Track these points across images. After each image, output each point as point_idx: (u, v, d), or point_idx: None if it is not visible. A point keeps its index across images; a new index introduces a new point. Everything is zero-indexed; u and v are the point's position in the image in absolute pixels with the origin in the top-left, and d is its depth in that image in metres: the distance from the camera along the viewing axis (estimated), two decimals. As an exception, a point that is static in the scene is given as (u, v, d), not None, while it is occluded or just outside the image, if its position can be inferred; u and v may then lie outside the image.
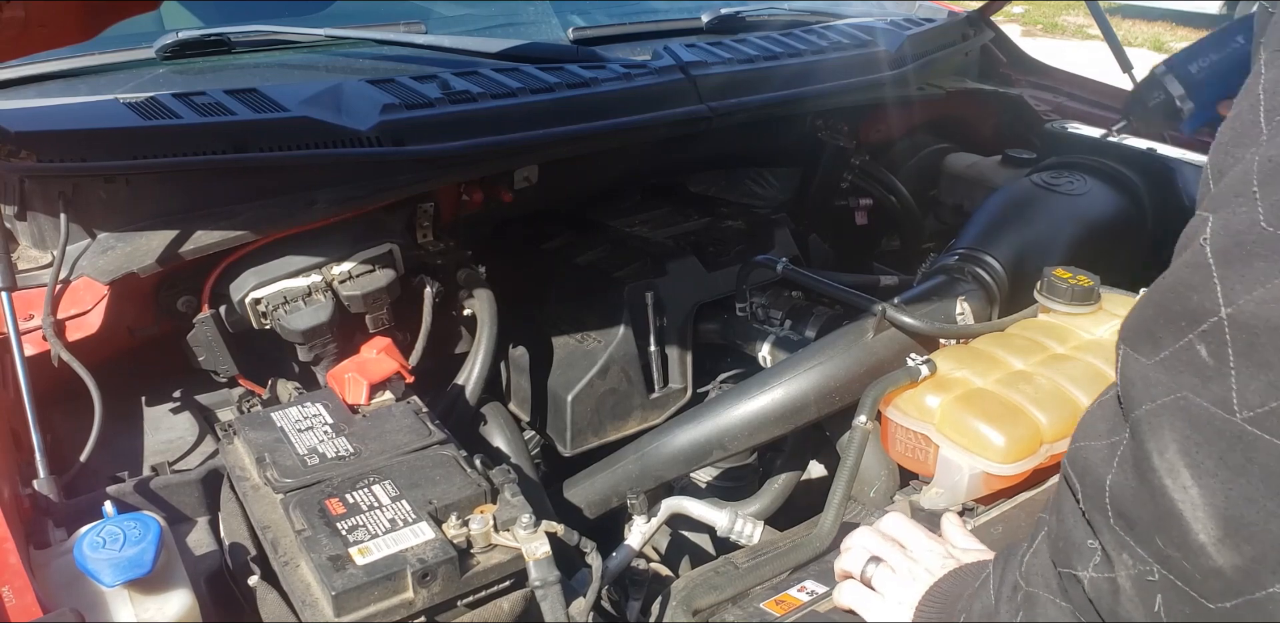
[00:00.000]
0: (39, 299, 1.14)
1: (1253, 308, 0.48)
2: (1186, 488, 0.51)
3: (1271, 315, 0.47)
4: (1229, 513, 0.49)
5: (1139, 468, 0.54)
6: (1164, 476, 0.52)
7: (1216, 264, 0.51)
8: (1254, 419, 0.48)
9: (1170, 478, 0.52)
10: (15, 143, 1.15)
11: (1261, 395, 0.48)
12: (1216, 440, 0.50)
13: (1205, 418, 0.50)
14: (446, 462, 1.01)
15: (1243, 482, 0.48)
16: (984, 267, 1.44)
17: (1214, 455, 0.50)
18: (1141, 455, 0.54)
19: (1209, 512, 0.50)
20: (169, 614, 0.90)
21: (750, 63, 1.72)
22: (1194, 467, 0.51)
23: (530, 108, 1.44)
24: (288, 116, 1.29)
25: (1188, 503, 0.51)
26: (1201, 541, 0.50)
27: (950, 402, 1.15)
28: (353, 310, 1.28)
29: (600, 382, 1.46)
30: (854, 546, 0.96)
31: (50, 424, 1.10)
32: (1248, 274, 0.49)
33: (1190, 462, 0.51)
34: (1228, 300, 0.50)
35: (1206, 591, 0.50)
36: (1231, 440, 0.49)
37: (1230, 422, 0.49)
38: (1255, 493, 0.48)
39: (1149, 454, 0.53)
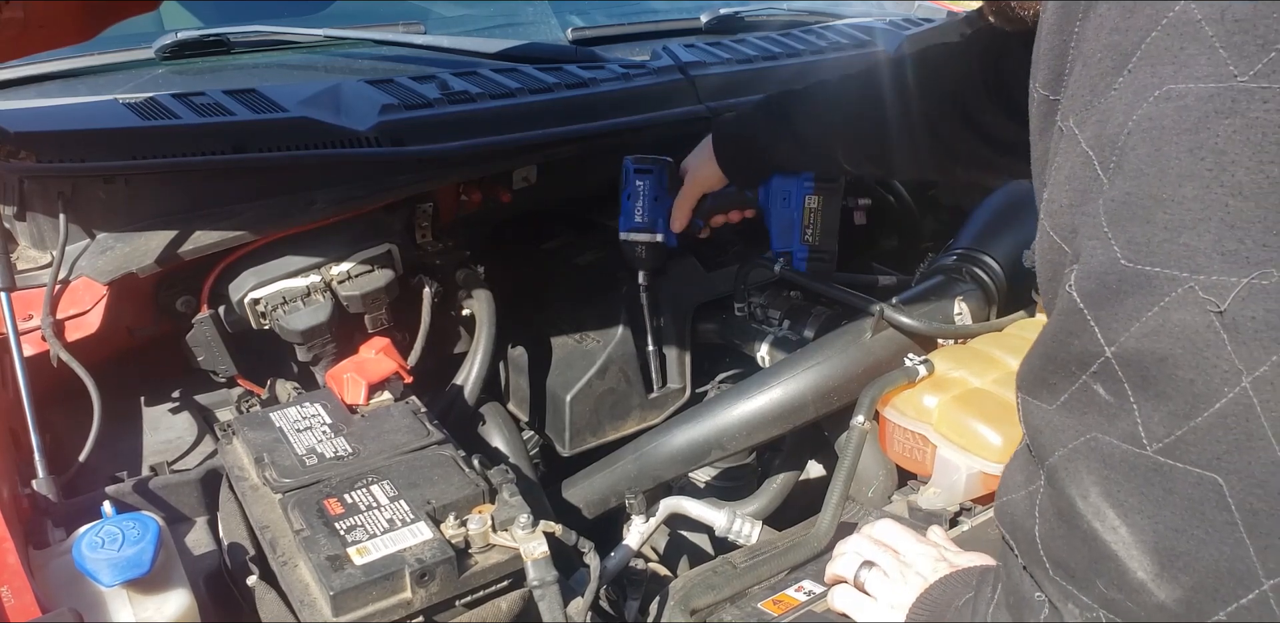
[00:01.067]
0: (38, 299, 1.14)
1: (1134, 344, 0.48)
2: (1115, 528, 0.51)
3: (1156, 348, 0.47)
4: (1160, 546, 0.49)
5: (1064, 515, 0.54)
6: (1091, 519, 0.52)
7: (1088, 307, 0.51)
8: (1164, 450, 0.48)
9: (1098, 521, 0.52)
10: (15, 143, 1.15)
11: (1166, 426, 0.48)
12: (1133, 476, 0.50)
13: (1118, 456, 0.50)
14: (445, 462, 1.01)
15: (1167, 514, 0.48)
16: (982, 267, 1.44)
17: (1135, 492, 0.50)
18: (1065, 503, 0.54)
19: (1141, 548, 0.50)
20: (168, 614, 0.90)
21: (749, 63, 1.72)
22: (1118, 506, 0.51)
23: (529, 108, 1.44)
24: (287, 117, 1.29)
25: (1120, 543, 0.51)
26: (1140, 578, 0.50)
27: (948, 402, 1.15)
28: (351, 311, 1.28)
29: (599, 382, 1.46)
30: (846, 551, 0.96)
31: (49, 424, 1.10)
32: (1120, 312, 0.49)
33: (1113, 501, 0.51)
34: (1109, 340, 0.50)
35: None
36: (1148, 474, 0.49)
37: (1142, 456, 0.49)
38: (1181, 523, 0.48)
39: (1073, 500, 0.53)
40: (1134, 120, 0.48)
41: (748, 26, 2.02)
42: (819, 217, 1.41)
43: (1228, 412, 0.45)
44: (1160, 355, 0.47)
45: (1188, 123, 0.45)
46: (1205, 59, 0.45)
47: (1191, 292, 0.45)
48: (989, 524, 1.10)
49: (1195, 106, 0.45)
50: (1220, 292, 0.44)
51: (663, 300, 1.54)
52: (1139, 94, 0.48)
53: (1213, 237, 0.45)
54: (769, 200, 1.45)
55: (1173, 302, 0.46)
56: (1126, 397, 0.50)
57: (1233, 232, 0.44)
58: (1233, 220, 0.44)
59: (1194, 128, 0.45)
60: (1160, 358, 0.47)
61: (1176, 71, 0.46)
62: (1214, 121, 0.44)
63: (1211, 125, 0.44)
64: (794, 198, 1.41)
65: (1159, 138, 0.46)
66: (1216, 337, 0.45)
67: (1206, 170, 0.44)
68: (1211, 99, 0.44)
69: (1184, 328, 0.46)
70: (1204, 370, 0.46)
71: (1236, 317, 0.44)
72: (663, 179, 1.43)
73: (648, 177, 1.42)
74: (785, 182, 1.42)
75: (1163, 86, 0.46)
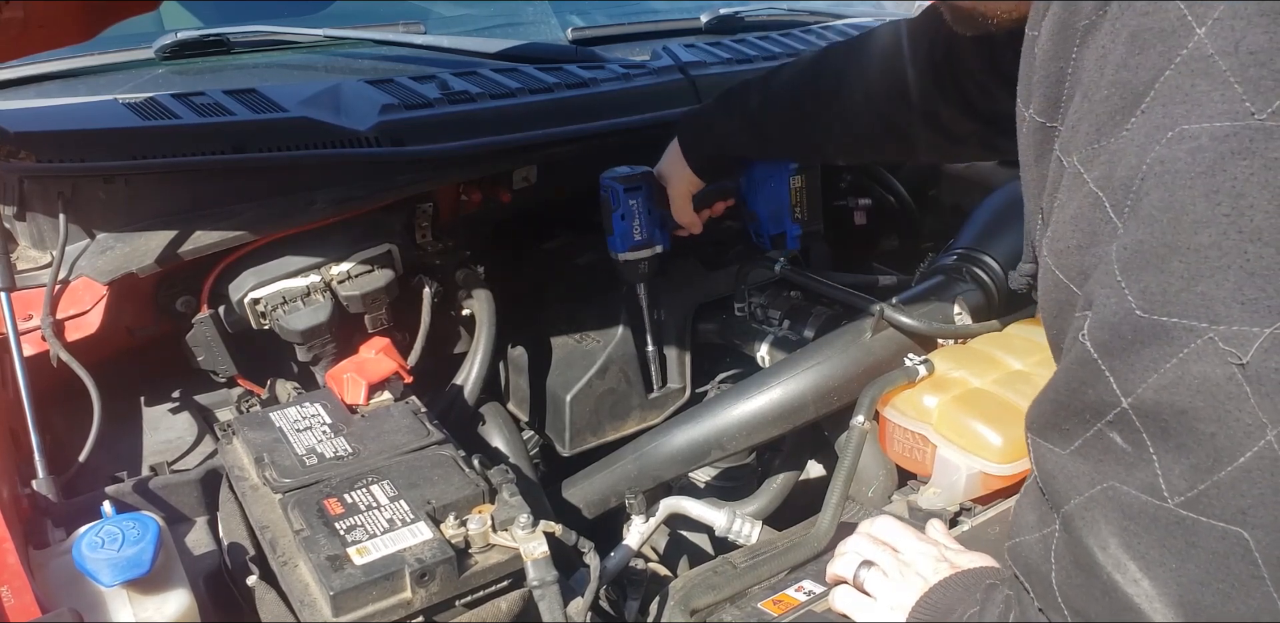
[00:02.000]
0: (38, 299, 1.14)
1: (1152, 396, 0.47)
2: (1138, 580, 0.50)
3: (1175, 401, 0.46)
4: (1185, 600, 0.48)
5: (1082, 565, 0.54)
6: (1112, 571, 0.51)
7: (1102, 357, 0.50)
8: (1186, 503, 0.47)
9: (1119, 573, 0.51)
10: (15, 143, 1.15)
11: (1188, 480, 0.47)
12: (1154, 529, 0.49)
13: (1138, 507, 0.49)
14: (445, 462, 1.01)
15: (1191, 567, 0.48)
16: (982, 267, 1.44)
17: (1156, 544, 0.49)
18: (1083, 552, 0.53)
19: (1165, 601, 0.49)
20: (167, 614, 0.90)
21: (749, 63, 1.72)
22: (1139, 558, 0.50)
23: (529, 108, 1.44)
24: (287, 117, 1.29)
25: (1142, 596, 0.50)
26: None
27: (948, 402, 1.15)
28: (351, 311, 1.28)
29: (599, 382, 1.46)
30: (846, 550, 0.96)
31: (49, 424, 1.11)
32: (1136, 363, 0.48)
33: (1134, 554, 0.50)
34: (1125, 391, 0.49)
35: None
36: (1170, 527, 0.48)
37: (1164, 508, 0.48)
38: (1206, 576, 0.47)
39: (1091, 551, 0.52)
40: (1147, 164, 0.46)
41: (748, 26, 2.03)
42: (804, 195, 1.45)
43: (1252, 466, 0.44)
44: (1180, 408, 0.46)
45: (1202, 165, 0.43)
46: (1219, 95, 0.43)
47: (1211, 343, 0.44)
48: (989, 524, 1.10)
49: (1210, 147, 0.43)
50: (1242, 343, 0.43)
51: (663, 300, 1.54)
52: (1151, 136, 0.46)
53: (1232, 285, 0.43)
54: (752, 187, 1.46)
55: (1192, 353, 0.45)
56: (1145, 447, 0.49)
57: (1253, 279, 0.43)
58: (1252, 268, 0.42)
59: (1209, 170, 0.43)
60: (1180, 411, 0.46)
61: (1189, 111, 0.44)
62: (1230, 163, 0.42)
63: (1228, 167, 0.42)
64: (780, 182, 1.45)
65: (1173, 182, 0.45)
66: (1239, 389, 0.43)
67: (1224, 216, 0.43)
68: (1227, 139, 0.42)
69: (1204, 381, 0.45)
70: (1226, 424, 0.44)
71: (1260, 369, 0.43)
72: (650, 191, 1.41)
73: (638, 193, 1.40)
74: (768, 167, 1.45)
75: (1176, 127, 0.45)
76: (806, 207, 1.45)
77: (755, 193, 1.46)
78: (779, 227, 1.46)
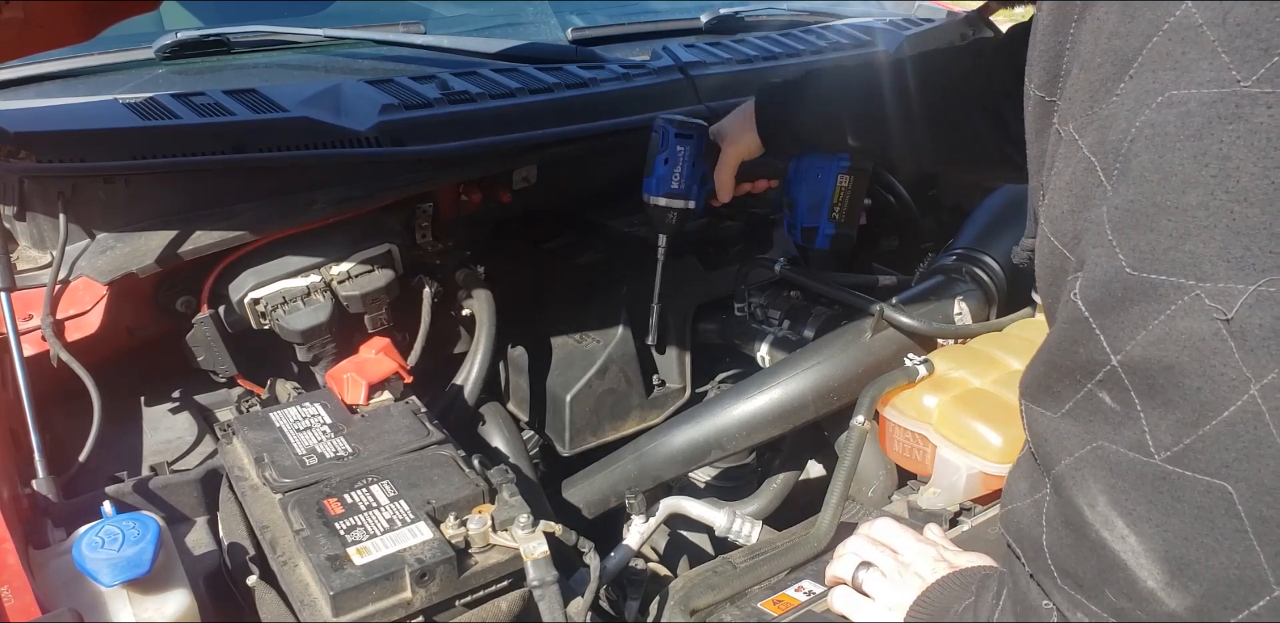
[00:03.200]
0: (38, 299, 1.14)
1: (1140, 352, 0.48)
2: (1124, 537, 0.51)
3: (1162, 356, 0.47)
4: (1170, 555, 0.49)
5: (1072, 524, 0.54)
6: (1100, 528, 0.52)
7: (1093, 315, 0.51)
8: (1172, 458, 0.48)
9: (1107, 530, 0.52)
10: (15, 143, 1.15)
11: (1174, 435, 0.48)
12: (1141, 485, 0.50)
13: (1126, 464, 0.50)
14: (445, 462, 1.01)
15: (1176, 522, 0.48)
16: (982, 267, 1.44)
17: (1143, 500, 0.50)
18: (1072, 511, 0.54)
19: (1151, 557, 0.50)
20: (167, 614, 0.90)
21: (749, 63, 1.72)
22: (1127, 515, 0.51)
23: (529, 108, 1.44)
24: (287, 117, 1.29)
25: (1129, 552, 0.51)
26: (1150, 587, 0.50)
27: (948, 402, 1.15)
28: (351, 311, 1.28)
29: (599, 382, 1.46)
30: (845, 552, 0.96)
31: (49, 424, 1.10)
32: (1126, 320, 0.49)
33: (1122, 510, 0.51)
34: (1115, 348, 0.50)
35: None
36: (1156, 483, 0.49)
37: (1150, 464, 0.49)
38: (1191, 531, 0.48)
39: (1080, 509, 0.53)
40: (1136, 127, 0.48)
41: (748, 26, 2.03)
42: (848, 196, 1.41)
43: (1236, 420, 0.45)
44: (1167, 364, 0.47)
45: (1191, 129, 0.45)
46: (1207, 64, 0.44)
47: (1198, 299, 0.45)
48: (989, 524, 1.10)
49: (1198, 112, 0.45)
50: (1227, 299, 0.44)
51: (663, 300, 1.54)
52: (1141, 100, 0.47)
53: (1218, 243, 0.44)
54: (799, 174, 1.43)
55: (1179, 310, 0.46)
56: (1133, 405, 0.50)
57: (1238, 238, 0.44)
58: (1238, 227, 0.44)
59: (1197, 134, 0.45)
60: (1167, 366, 0.47)
61: (1179, 77, 0.46)
62: (1217, 127, 0.44)
63: (1215, 131, 0.44)
64: (828, 175, 1.40)
65: (1162, 144, 0.46)
66: (1224, 345, 0.44)
67: (1211, 177, 0.44)
68: (1214, 105, 0.44)
69: (1190, 336, 0.46)
70: (1211, 378, 0.45)
71: (1244, 324, 0.44)
72: (701, 146, 1.39)
73: (688, 142, 1.38)
74: (820, 158, 1.40)
75: (1165, 92, 0.46)
76: (846, 208, 1.41)
77: (800, 180, 1.43)
78: (813, 221, 1.43)
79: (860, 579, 0.91)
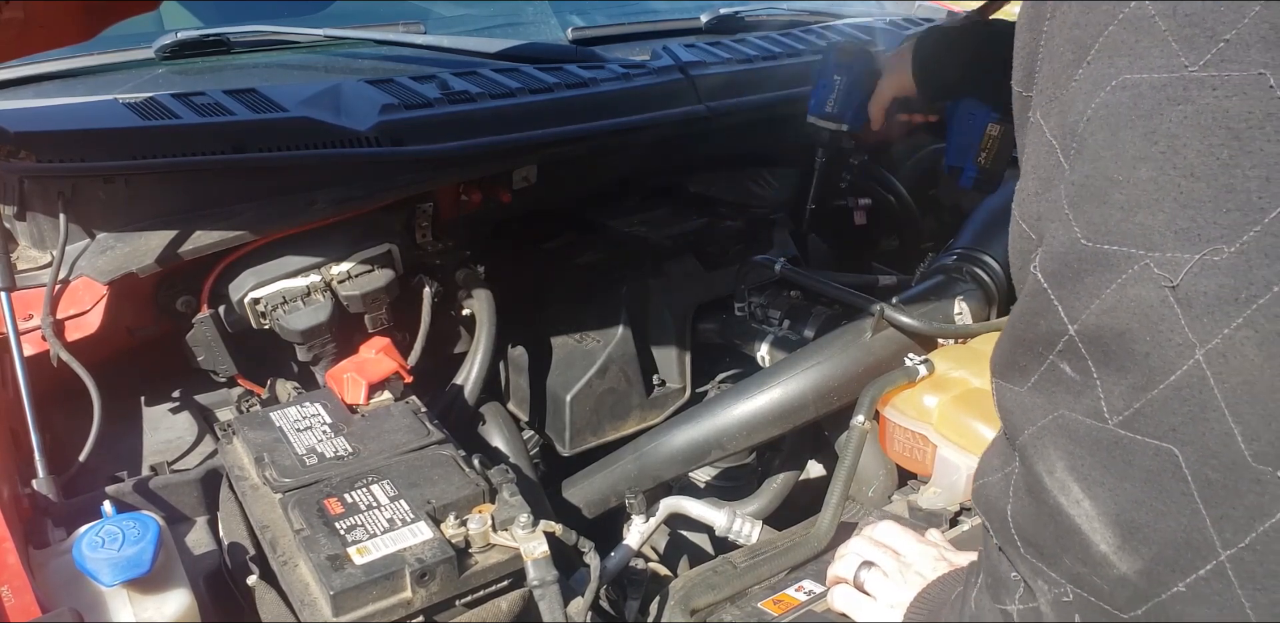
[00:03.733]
0: (38, 299, 1.14)
1: (1094, 320, 0.50)
2: (1079, 502, 0.52)
3: (1114, 323, 0.49)
4: (1121, 519, 0.50)
5: (1033, 492, 0.55)
6: (1057, 494, 0.53)
7: (1051, 287, 0.53)
8: (1124, 423, 0.49)
9: (1063, 495, 0.53)
10: (15, 143, 1.15)
11: (1126, 399, 0.49)
12: (1097, 450, 0.51)
13: (1083, 430, 0.51)
14: (445, 461, 1.01)
15: (1128, 486, 0.49)
16: (982, 266, 1.44)
17: (1098, 465, 0.51)
18: (1033, 479, 0.55)
19: (1104, 521, 0.51)
20: (168, 614, 0.90)
21: (749, 63, 1.72)
22: (1082, 480, 0.52)
23: (529, 108, 1.44)
24: (287, 117, 1.29)
25: (1083, 516, 0.52)
26: (1103, 551, 0.51)
27: (948, 402, 1.15)
28: (352, 310, 1.28)
29: (599, 382, 1.46)
30: (847, 552, 0.96)
31: (50, 424, 1.10)
32: (1081, 290, 0.50)
33: (1078, 476, 0.52)
34: (1071, 318, 0.51)
35: (1117, 601, 0.51)
36: (1110, 447, 0.50)
37: (1105, 429, 0.50)
38: (1142, 495, 0.49)
39: (1039, 476, 0.54)
40: (1093, 108, 0.50)
41: (748, 26, 2.03)
42: (996, 144, 1.47)
43: (1182, 384, 0.46)
44: (1119, 330, 0.48)
45: (1142, 109, 0.47)
46: (1158, 51, 0.47)
47: (1147, 268, 0.47)
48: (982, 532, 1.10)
49: (1149, 95, 0.47)
50: (1173, 268, 0.46)
51: (663, 300, 1.54)
52: (1097, 84, 0.50)
53: (1166, 216, 0.46)
54: (955, 116, 1.50)
55: (1129, 278, 0.48)
56: (1090, 373, 0.51)
57: (1185, 211, 0.46)
58: (1185, 200, 0.46)
59: (1148, 114, 0.47)
60: (1119, 333, 0.49)
61: (1132, 63, 0.48)
62: (1167, 108, 0.46)
63: (1165, 112, 0.46)
64: (979, 121, 1.47)
65: (1115, 124, 0.48)
66: (1170, 311, 0.46)
67: (1160, 153, 0.46)
68: (1164, 88, 0.46)
69: (1140, 303, 0.47)
70: (1159, 344, 0.47)
71: (1189, 291, 0.45)
72: (859, 75, 1.53)
73: (845, 71, 1.53)
74: (974, 104, 1.47)
75: (1119, 77, 0.48)
76: (993, 155, 1.48)
77: (954, 120, 1.51)
78: (960, 160, 1.51)
79: (862, 579, 0.92)
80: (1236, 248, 0.44)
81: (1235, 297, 0.44)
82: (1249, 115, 0.44)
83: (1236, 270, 0.44)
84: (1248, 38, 0.44)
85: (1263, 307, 0.43)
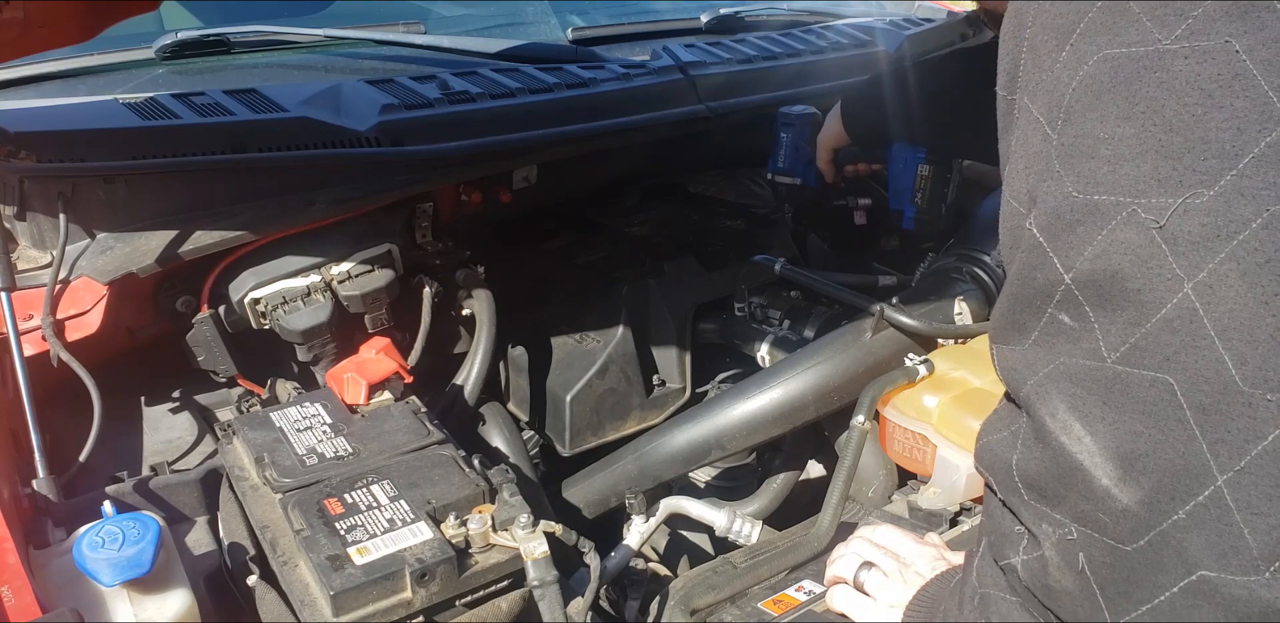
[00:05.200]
0: (38, 299, 1.14)
1: (1088, 265, 0.53)
2: (1081, 439, 0.54)
3: (1107, 265, 0.51)
4: (1121, 451, 0.52)
5: (1039, 436, 0.57)
6: (1060, 435, 0.55)
7: (1046, 240, 0.55)
8: (1121, 358, 0.51)
9: (1065, 435, 0.55)
10: (15, 143, 1.15)
11: (1121, 336, 0.51)
12: (1096, 388, 0.53)
13: (1083, 372, 0.54)
14: (445, 462, 1.01)
15: (1126, 418, 0.51)
16: (982, 266, 1.44)
17: (1097, 402, 0.53)
18: (1038, 425, 0.57)
19: (1104, 455, 0.53)
20: (168, 614, 0.90)
21: (749, 63, 1.72)
22: (1083, 418, 0.54)
23: (529, 108, 1.44)
24: (287, 117, 1.29)
25: (1084, 452, 0.54)
26: (1105, 484, 0.52)
27: (948, 402, 1.15)
28: (352, 311, 1.28)
29: (599, 382, 1.46)
30: (846, 552, 0.96)
31: (50, 424, 1.10)
32: (1074, 239, 0.53)
33: (1079, 415, 0.54)
34: (1066, 267, 0.54)
35: (1120, 533, 0.52)
36: (1108, 383, 0.52)
37: (1103, 367, 0.52)
38: (1140, 426, 0.51)
39: (1043, 421, 0.56)
40: (1076, 81, 0.54)
41: (748, 26, 2.03)
42: (928, 184, 1.55)
43: (1173, 316, 0.49)
44: (1111, 272, 0.51)
45: (1122, 77, 0.51)
46: (1135, 29, 0.51)
47: (1134, 213, 0.50)
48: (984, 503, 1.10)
49: (1128, 65, 0.51)
50: (1159, 211, 0.49)
51: (663, 300, 1.54)
52: (1080, 60, 0.54)
53: (1150, 166, 0.50)
54: (890, 161, 1.59)
55: (1119, 223, 0.51)
56: (1087, 318, 0.53)
57: (1167, 161, 0.49)
58: (1166, 152, 0.49)
59: (1128, 81, 0.51)
60: (1111, 274, 0.51)
61: (1111, 39, 0.52)
62: (1145, 75, 0.50)
63: (1143, 78, 0.50)
64: (909, 165, 1.55)
65: (1098, 90, 0.52)
66: (1158, 249, 0.49)
67: (1140, 112, 0.50)
68: (1142, 59, 0.50)
69: (1129, 244, 0.50)
70: (1150, 280, 0.49)
71: (1174, 231, 0.49)
72: (804, 132, 1.65)
73: (790, 129, 1.66)
74: (903, 149, 1.55)
75: (1100, 52, 0.52)
76: (927, 195, 1.56)
77: (891, 166, 1.59)
78: (899, 204, 1.58)
79: (862, 579, 0.91)
80: (1216, 191, 0.47)
81: (1217, 233, 0.47)
82: (1218, 77, 0.47)
83: (1217, 210, 0.47)
84: (1213, 13, 0.48)
85: (1243, 241, 0.46)
